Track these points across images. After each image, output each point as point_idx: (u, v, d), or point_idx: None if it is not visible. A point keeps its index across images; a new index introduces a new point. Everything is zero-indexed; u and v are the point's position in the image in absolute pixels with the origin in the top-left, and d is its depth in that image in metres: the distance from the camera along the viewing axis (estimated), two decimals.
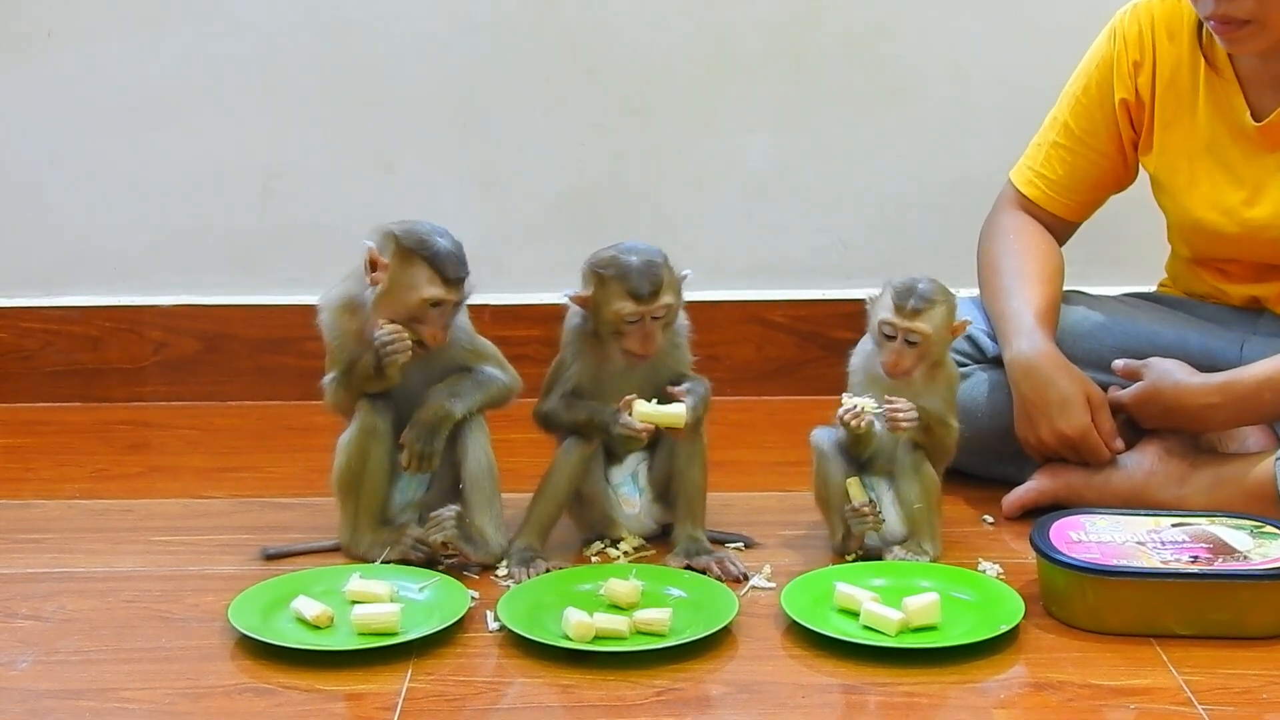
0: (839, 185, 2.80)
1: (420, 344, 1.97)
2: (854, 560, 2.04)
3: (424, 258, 1.95)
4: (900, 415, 1.97)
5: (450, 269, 1.95)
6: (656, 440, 2.05)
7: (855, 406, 1.98)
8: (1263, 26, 2.05)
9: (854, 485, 2.02)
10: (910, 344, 1.98)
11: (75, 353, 2.78)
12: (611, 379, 2.04)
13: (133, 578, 2.02)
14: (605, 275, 1.98)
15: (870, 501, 2.01)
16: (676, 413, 1.98)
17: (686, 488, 2.06)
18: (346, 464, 2.04)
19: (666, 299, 1.99)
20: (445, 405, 2.00)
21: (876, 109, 2.77)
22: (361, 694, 1.71)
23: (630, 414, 1.98)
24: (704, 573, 1.98)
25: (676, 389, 2.01)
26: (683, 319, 2.08)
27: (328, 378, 2.05)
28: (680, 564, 2.02)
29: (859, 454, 2.05)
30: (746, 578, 1.98)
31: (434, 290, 1.95)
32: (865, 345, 2.07)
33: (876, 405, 1.98)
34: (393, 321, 1.95)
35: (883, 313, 1.99)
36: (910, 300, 1.97)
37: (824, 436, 2.06)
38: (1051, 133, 2.32)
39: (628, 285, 1.97)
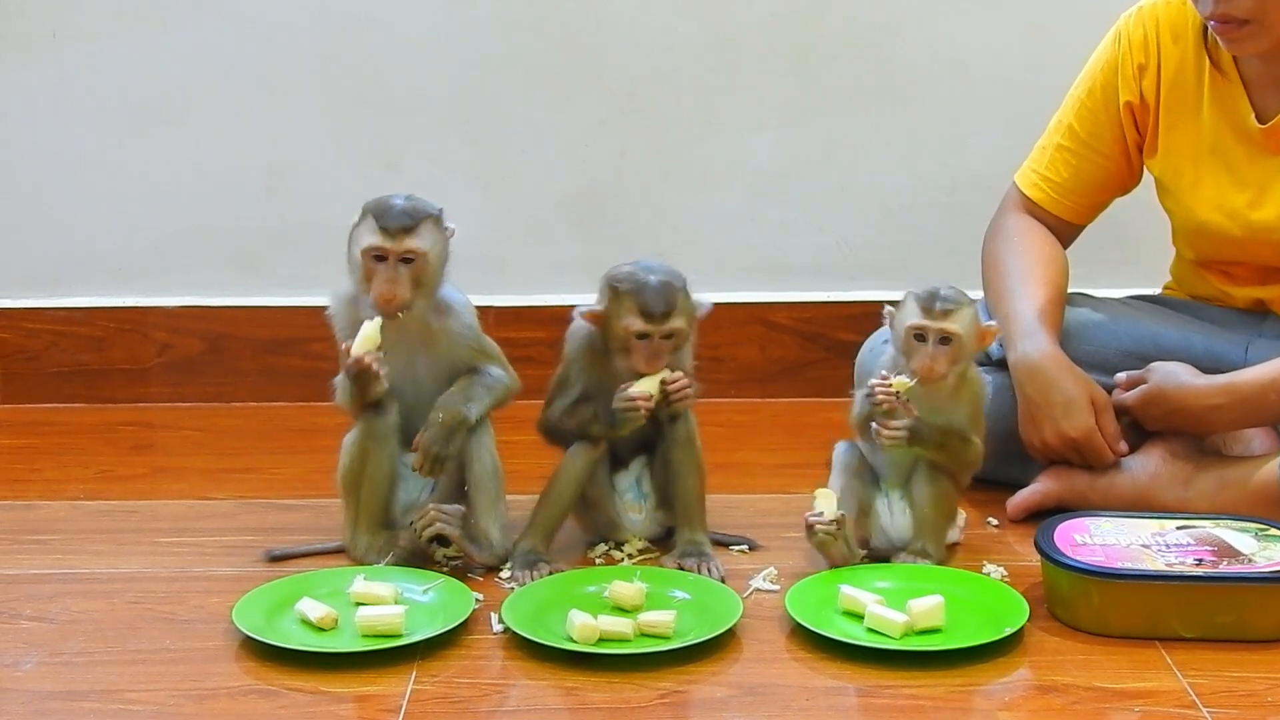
0: (842, 185, 2.79)
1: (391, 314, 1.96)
2: (861, 561, 2.04)
3: (370, 212, 1.96)
4: (885, 431, 1.96)
5: (388, 219, 1.95)
6: (655, 447, 2.06)
7: (889, 384, 1.96)
8: (1262, 26, 2.04)
9: (821, 496, 1.99)
10: (943, 343, 1.97)
11: (80, 353, 2.78)
12: (615, 382, 2.03)
13: (137, 579, 2.02)
14: (620, 290, 1.98)
15: (829, 519, 1.96)
16: (660, 374, 1.99)
17: (683, 494, 2.06)
18: (349, 465, 2.04)
19: (678, 322, 1.98)
20: (461, 410, 2.00)
21: (880, 108, 2.77)
22: (366, 696, 1.71)
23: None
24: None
25: None
26: None
27: (339, 376, 2.05)
28: (674, 564, 2.03)
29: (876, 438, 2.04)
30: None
31: (371, 239, 1.95)
32: (875, 343, 2.05)
33: (909, 381, 1.97)
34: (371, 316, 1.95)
35: (910, 318, 1.98)
36: (937, 302, 1.97)
37: (840, 450, 2.06)
38: (1056, 135, 2.32)
39: (640, 301, 1.97)
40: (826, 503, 1.98)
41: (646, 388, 1.98)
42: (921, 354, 1.97)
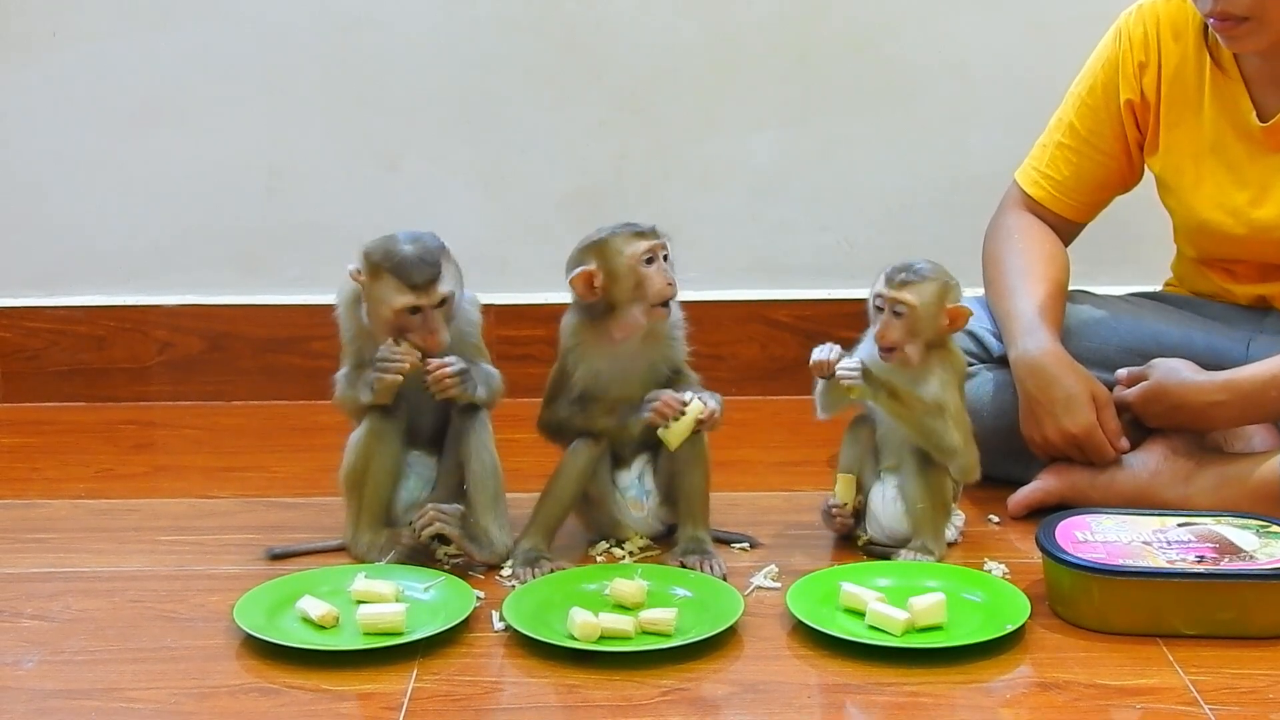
0: (843, 184, 2.80)
1: (423, 355, 1.96)
2: (863, 544, 2.06)
3: (388, 269, 1.94)
4: (840, 368, 1.98)
5: (415, 275, 1.93)
6: (658, 445, 2.05)
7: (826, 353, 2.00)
8: (1261, 23, 2.05)
9: (842, 482, 2.02)
10: (896, 315, 1.99)
11: (80, 352, 2.78)
12: (613, 373, 2.04)
13: (138, 577, 2.02)
14: (605, 232, 2.00)
15: (847, 506, 2.02)
16: (694, 409, 1.99)
17: (687, 490, 2.07)
18: (353, 464, 2.04)
19: (662, 240, 2.01)
20: (471, 370, 2.00)
21: (880, 107, 2.77)
22: (367, 694, 1.71)
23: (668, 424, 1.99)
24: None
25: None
26: (679, 312, 2.08)
27: (339, 373, 2.05)
28: (676, 561, 2.04)
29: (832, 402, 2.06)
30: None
31: (405, 299, 1.94)
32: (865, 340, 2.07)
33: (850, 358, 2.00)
34: (395, 338, 1.96)
35: (874, 287, 2.02)
36: (900, 274, 2.00)
37: (855, 422, 2.09)
38: (1057, 133, 2.32)
39: (633, 227, 2.00)
40: (847, 490, 2.03)
41: (682, 429, 1.99)
42: (878, 322, 2.00)
